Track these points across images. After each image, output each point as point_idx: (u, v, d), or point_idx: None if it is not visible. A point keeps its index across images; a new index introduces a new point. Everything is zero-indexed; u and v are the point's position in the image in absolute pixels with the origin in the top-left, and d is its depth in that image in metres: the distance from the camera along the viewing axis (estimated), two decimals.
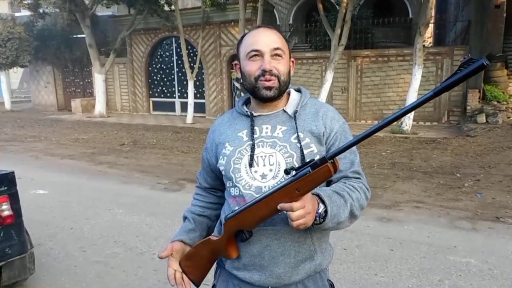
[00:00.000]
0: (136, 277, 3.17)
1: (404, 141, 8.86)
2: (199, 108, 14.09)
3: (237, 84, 11.54)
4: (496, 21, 10.63)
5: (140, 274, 3.21)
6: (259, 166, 1.22)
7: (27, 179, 5.93)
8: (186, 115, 13.31)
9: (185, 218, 1.47)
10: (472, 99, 10.37)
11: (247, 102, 1.36)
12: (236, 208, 1.21)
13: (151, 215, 4.58)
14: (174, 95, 15.55)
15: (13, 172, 2.58)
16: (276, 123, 1.26)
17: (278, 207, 1.06)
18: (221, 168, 1.29)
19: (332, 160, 1.04)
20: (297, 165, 1.17)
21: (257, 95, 1.25)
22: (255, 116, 1.28)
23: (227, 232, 1.20)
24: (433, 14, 14.18)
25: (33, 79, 18.61)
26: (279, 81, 1.22)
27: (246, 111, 1.30)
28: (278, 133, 1.24)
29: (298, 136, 1.22)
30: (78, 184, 5.98)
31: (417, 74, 9.83)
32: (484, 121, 9.52)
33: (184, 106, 14.56)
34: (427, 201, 4.88)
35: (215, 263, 1.34)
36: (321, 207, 1.10)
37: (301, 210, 1.04)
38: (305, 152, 1.20)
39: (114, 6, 15.03)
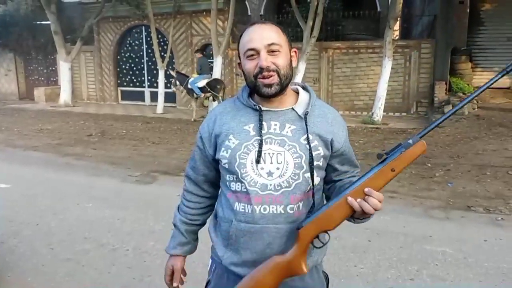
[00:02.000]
0: (110, 275, 3.02)
1: (376, 131, 8.99)
2: (170, 98, 13.77)
3: (172, 73, 11.41)
4: (460, 16, 10.96)
5: (114, 271, 3.07)
6: (266, 163, 1.19)
7: None
8: (156, 105, 12.99)
9: (175, 225, 1.45)
10: (439, 90, 10.64)
11: (251, 94, 1.30)
12: (237, 204, 1.20)
13: (123, 209, 4.41)
14: (144, 85, 15.12)
15: None
16: (285, 120, 1.23)
17: (365, 190, 1.10)
18: (224, 161, 1.23)
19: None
20: (305, 166, 1.20)
21: (259, 93, 1.22)
22: (263, 111, 1.23)
23: (303, 241, 1.15)
24: (401, 8, 14.46)
25: None
26: (279, 75, 1.19)
27: (254, 105, 1.24)
28: (287, 132, 1.22)
29: (308, 137, 1.21)
30: (44, 177, 5.70)
31: (387, 66, 9.98)
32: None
33: (154, 96, 14.19)
34: (401, 191, 4.95)
35: (210, 258, 1.34)
36: None
37: (381, 204, 1.11)
38: (313, 154, 1.21)
39: None
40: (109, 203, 4.61)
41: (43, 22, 15.10)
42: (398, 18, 12.21)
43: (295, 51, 1.25)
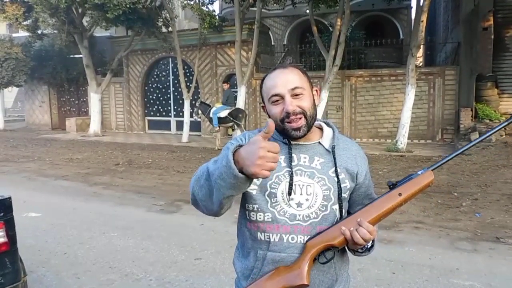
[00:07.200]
0: None
1: (400, 159, 8.87)
2: (195, 126, 14.08)
3: (197, 104, 11.66)
4: (484, 42, 10.87)
5: None
6: (296, 194, 1.25)
7: (19, 201, 5.80)
8: (181, 134, 13.29)
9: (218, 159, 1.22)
10: (465, 117, 10.47)
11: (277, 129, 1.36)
12: (260, 233, 1.24)
13: (147, 238, 4.49)
14: (170, 114, 15.56)
15: (10, 198, 2.51)
16: (313, 154, 1.29)
17: (358, 220, 1.17)
18: (253, 186, 1.26)
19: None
20: (333, 198, 1.26)
21: (288, 136, 1.27)
22: (292, 144, 1.29)
23: (308, 252, 1.20)
24: (423, 36, 14.53)
25: (28, 98, 18.55)
26: (305, 116, 1.24)
27: (284, 139, 1.30)
28: (316, 165, 1.27)
29: (336, 170, 1.27)
30: (72, 206, 5.88)
31: (410, 93, 9.93)
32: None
33: (179, 125, 14.56)
34: (426, 222, 4.85)
35: (235, 285, 1.36)
36: (370, 243, 1.27)
37: (370, 235, 1.16)
38: (341, 186, 1.27)
39: (112, 28, 15.15)
40: (133, 232, 4.71)
41: (75, 56, 15.94)
42: (421, 46, 12.24)
43: (316, 90, 1.32)
